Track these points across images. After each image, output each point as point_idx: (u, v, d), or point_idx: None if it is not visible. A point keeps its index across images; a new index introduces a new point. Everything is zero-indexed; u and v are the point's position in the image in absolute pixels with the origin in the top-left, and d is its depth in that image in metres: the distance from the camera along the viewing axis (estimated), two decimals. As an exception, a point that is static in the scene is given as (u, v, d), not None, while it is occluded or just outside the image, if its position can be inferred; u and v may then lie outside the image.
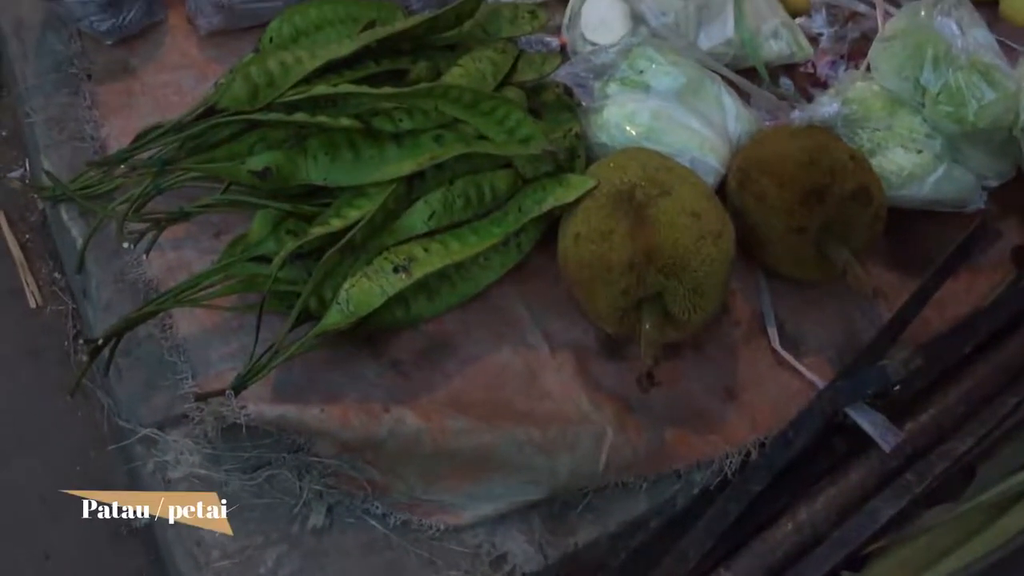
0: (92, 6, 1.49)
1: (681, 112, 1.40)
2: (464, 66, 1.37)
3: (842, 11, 1.60)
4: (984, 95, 1.30)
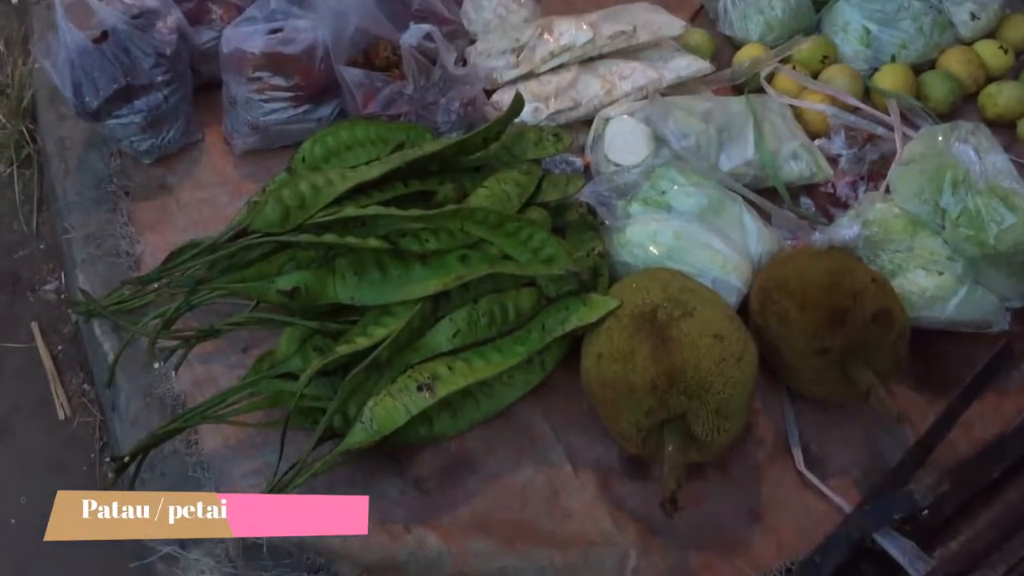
0: (133, 127, 1.55)
1: (703, 232, 1.42)
2: (490, 187, 1.41)
3: (860, 133, 1.63)
4: (1004, 219, 1.31)
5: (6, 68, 1.85)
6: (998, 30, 1.80)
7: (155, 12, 1.57)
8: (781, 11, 1.78)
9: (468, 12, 1.77)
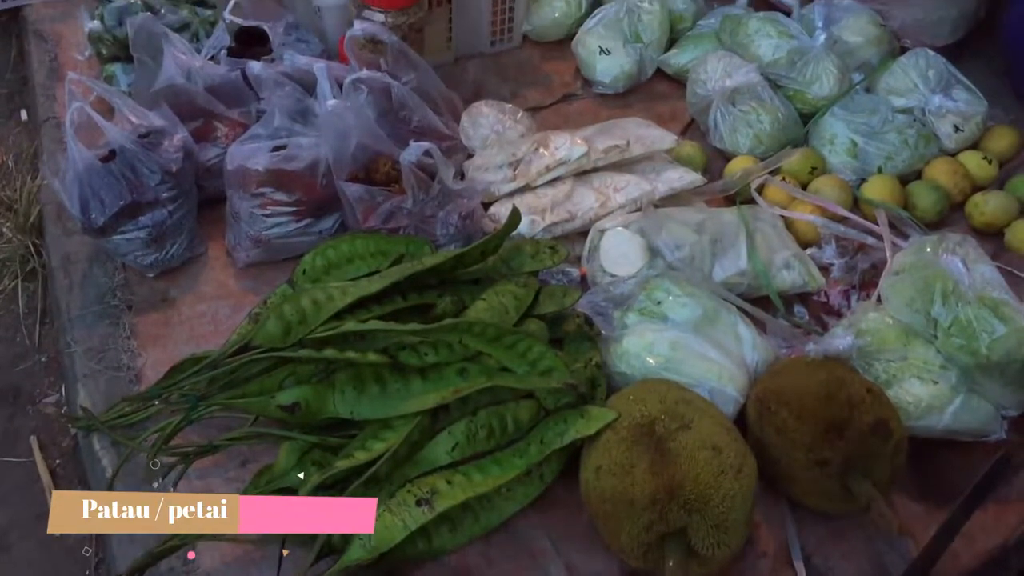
0: (138, 242, 1.58)
1: (699, 342, 1.43)
2: (488, 300, 1.43)
3: (851, 243, 1.66)
4: (995, 329, 1.33)
5: (15, 184, 1.89)
6: (981, 141, 1.85)
7: (162, 131, 1.61)
8: (769, 125, 1.83)
9: (466, 128, 1.82)
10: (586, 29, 2.06)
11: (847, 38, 1.95)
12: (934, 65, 1.86)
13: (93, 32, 1.91)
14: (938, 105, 1.83)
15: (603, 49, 2.02)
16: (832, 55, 1.89)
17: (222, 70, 1.75)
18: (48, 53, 2.07)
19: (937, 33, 2.03)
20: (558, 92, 2.07)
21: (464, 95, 1.97)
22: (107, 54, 1.93)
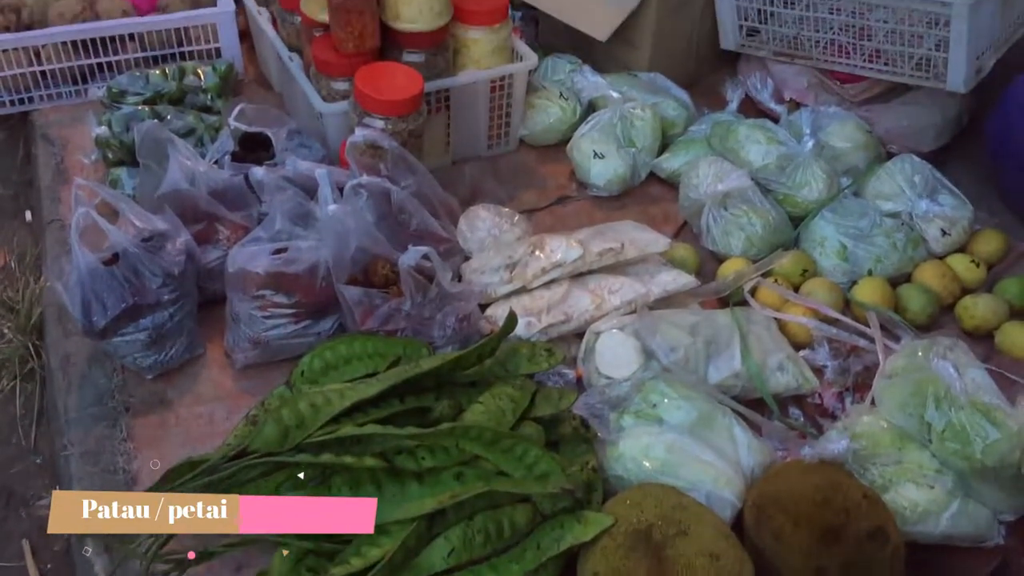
0: (138, 344, 1.59)
1: (695, 445, 1.44)
2: (484, 403, 1.44)
3: (843, 345, 1.68)
4: (988, 434, 1.34)
5: (17, 284, 1.91)
6: (968, 245, 1.89)
7: (165, 234, 1.64)
8: (761, 228, 1.87)
9: (464, 231, 1.86)
10: (581, 134, 2.12)
11: (834, 144, 2.01)
12: (920, 171, 1.91)
13: (100, 137, 1.96)
14: (925, 210, 1.87)
15: (597, 153, 2.07)
16: (820, 160, 1.94)
17: (225, 175, 1.79)
18: (55, 156, 2.12)
19: (922, 139, 2.09)
20: (553, 194, 2.12)
21: (461, 197, 2.01)
22: (113, 158, 1.98)
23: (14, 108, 2.28)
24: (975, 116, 2.14)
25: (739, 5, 2.22)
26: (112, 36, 2.24)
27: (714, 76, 2.38)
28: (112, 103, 2.04)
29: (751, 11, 2.21)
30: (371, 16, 1.90)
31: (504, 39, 2.08)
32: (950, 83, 1.94)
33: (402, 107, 1.83)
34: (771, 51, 2.22)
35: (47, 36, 2.19)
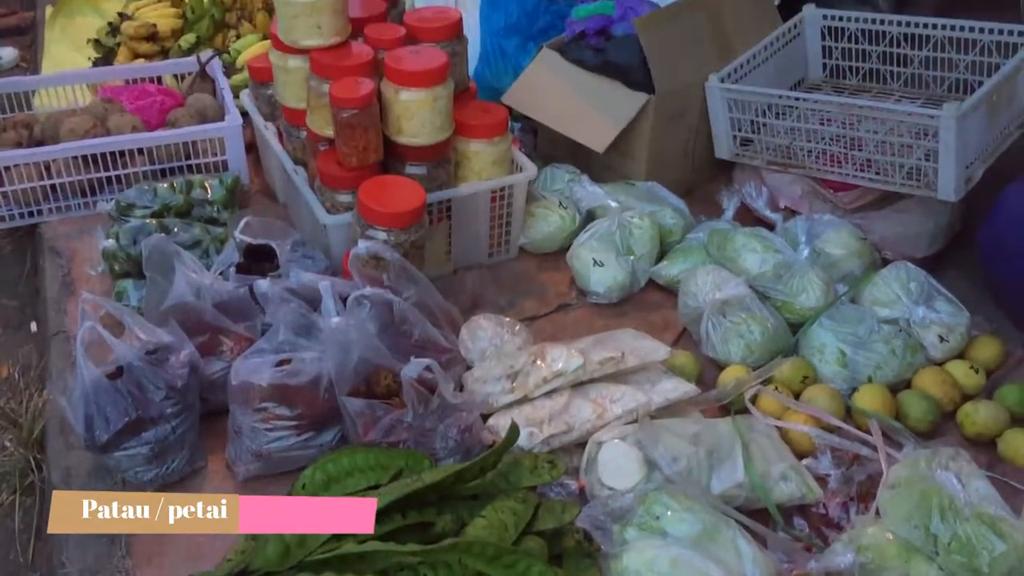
0: (139, 458, 1.59)
1: (699, 559, 1.42)
2: (487, 517, 1.43)
3: (846, 453, 1.68)
4: (995, 547, 1.33)
5: (20, 396, 1.92)
6: (966, 351, 1.90)
7: (169, 347, 1.66)
8: (760, 335, 1.89)
9: (465, 341, 1.87)
10: (580, 242, 2.15)
11: (830, 251, 2.04)
12: (915, 277, 1.94)
13: (107, 250, 1.99)
14: (922, 316, 1.89)
15: (597, 261, 2.10)
16: (816, 268, 1.97)
17: (230, 286, 1.82)
18: (62, 268, 2.15)
19: (916, 246, 2.12)
20: (554, 302, 2.14)
21: (462, 305, 2.04)
22: (119, 270, 2.01)
23: (23, 221, 2.32)
24: (967, 222, 2.18)
25: (732, 117, 2.28)
26: (122, 150, 2.30)
27: (710, 184, 2.44)
28: (120, 216, 2.08)
29: (744, 122, 2.27)
30: (375, 132, 1.95)
31: (504, 151, 2.14)
32: (941, 192, 1.99)
33: (404, 219, 1.87)
34: (765, 160, 2.27)
35: (58, 152, 2.25)
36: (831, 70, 2.52)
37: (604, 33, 2.35)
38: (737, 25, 2.37)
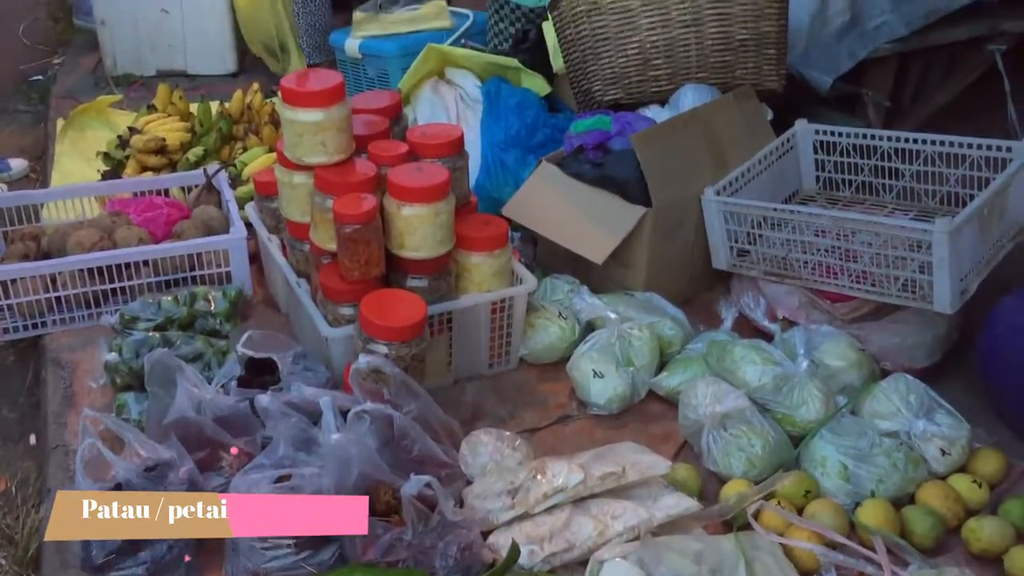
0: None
1: None
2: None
3: (850, 571, 1.66)
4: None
5: (17, 512, 1.90)
6: (969, 464, 1.89)
7: (169, 463, 1.66)
8: (761, 448, 1.88)
9: (465, 456, 1.87)
10: (580, 353, 2.16)
11: (829, 362, 2.05)
12: (914, 390, 1.94)
13: (110, 363, 2.01)
14: (923, 429, 1.89)
15: (597, 372, 2.11)
16: (815, 380, 1.98)
17: (231, 401, 1.83)
18: (64, 380, 2.16)
19: (914, 356, 2.13)
20: (554, 413, 2.14)
21: (463, 417, 2.04)
22: (121, 383, 2.02)
23: (27, 332, 2.34)
24: (965, 333, 2.19)
25: (729, 228, 2.32)
26: (127, 263, 2.33)
27: (708, 294, 2.46)
28: (124, 329, 2.10)
29: (740, 234, 2.31)
30: (377, 246, 1.99)
31: (504, 263, 2.17)
32: (937, 305, 2.00)
33: (405, 333, 1.89)
34: (762, 271, 2.30)
35: (65, 264, 2.28)
36: (824, 182, 2.57)
37: (602, 147, 2.41)
38: (731, 139, 2.43)
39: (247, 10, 3.66)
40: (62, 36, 4.50)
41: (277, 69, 3.78)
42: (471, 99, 2.87)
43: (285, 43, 3.72)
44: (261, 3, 3.64)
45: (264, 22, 3.67)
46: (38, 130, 3.75)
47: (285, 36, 3.71)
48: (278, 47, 3.72)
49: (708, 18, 2.51)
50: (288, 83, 2.03)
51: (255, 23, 3.67)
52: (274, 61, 3.77)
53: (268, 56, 3.77)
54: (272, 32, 3.69)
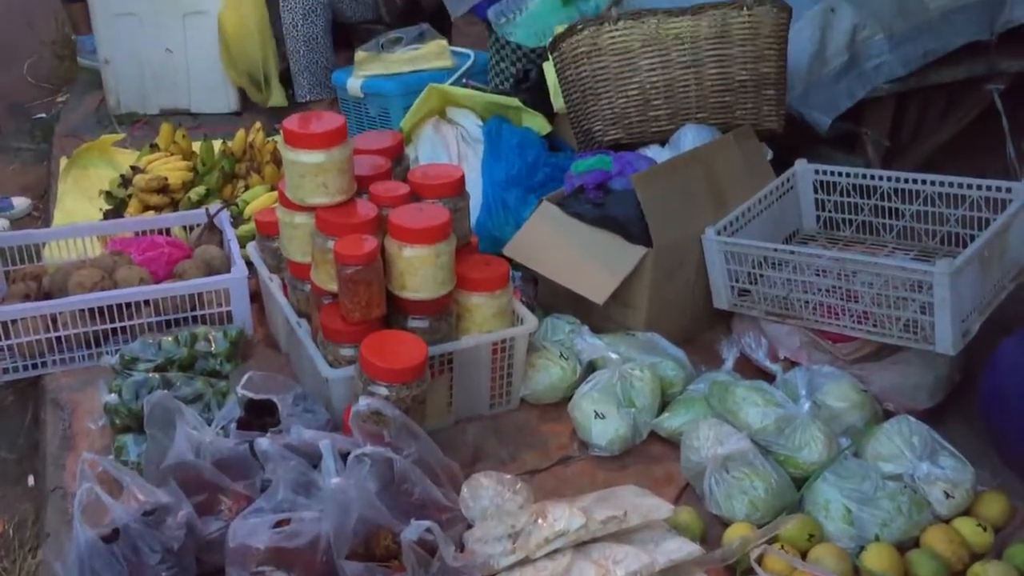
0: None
1: None
2: None
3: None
4: None
5: (13, 555, 1.89)
6: (973, 507, 1.88)
7: (167, 508, 1.65)
8: (764, 491, 1.87)
9: (466, 499, 1.86)
10: (581, 393, 2.16)
11: (831, 404, 2.04)
12: (917, 432, 1.93)
13: (109, 404, 2.00)
14: (926, 472, 1.87)
15: (598, 413, 2.10)
16: (818, 421, 1.97)
17: (230, 443, 1.82)
18: (63, 422, 2.15)
19: (916, 397, 2.12)
20: (555, 454, 2.13)
21: (463, 458, 2.03)
22: (120, 424, 2.01)
23: (27, 373, 2.33)
24: (967, 373, 2.19)
25: (730, 268, 2.32)
26: (128, 302, 2.33)
27: (710, 333, 2.46)
28: (124, 370, 2.10)
29: (741, 273, 2.31)
30: (378, 287, 1.99)
31: (505, 304, 2.17)
32: (939, 346, 2.00)
33: (406, 375, 1.88)
34: (763, 311, 2.30)
35: (65, 305, 2.28)
36: (825, 222, 2.58)
37: (602, 187, 2.41)
38: (732, 179, 2.44)
39: (235, 38, 3.67)
40: (66, 75, 4.53)
41: (259, 100, 3.81)
42: (472, 138, 2.88)
43: (269, 75, 3.75)
44: (250, 33, 3.66)
45: (251, 52, 3.68)
46: (41, 168, 3.77)
47: (270, 68, 3.73)
48: (262, 78, 3.75)
49: (707, 60, 2.53)
50: (290, 125, 2.04)
51: (242, 52, 3.69)
52: (256, 91, 3.79)
53: (250, 86, 3.79)
54: (259, 63, 3.71)
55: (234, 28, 3.64)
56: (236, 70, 3.75)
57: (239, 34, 3.65)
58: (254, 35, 3.65)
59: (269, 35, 3.69)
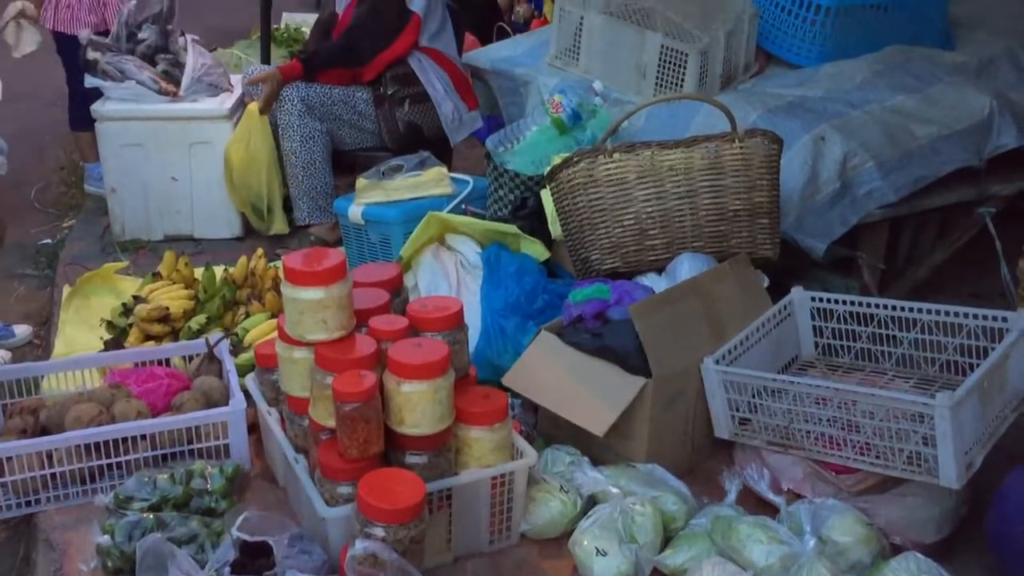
0: None
1: None
2: None
3: None
4: None
5: None
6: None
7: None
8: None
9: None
10: (582, 528, 2.12)
11: (836, 539, 2.00)
12: (925, 570, 1.89)
13: (101, 546, 1.97)
14: (936, 613, 1.83)
15: (599, 550, 2.06)
16: (823, 559, 1.93)
17: (223, 588, 1.78)
18: (54, 563, 2.11)
19: (923, 531, 2.09)
20: (559, 592, 2.08)
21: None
22: (112, 567, 1.98)
23: (20, 511, 2.30)
24: (974, 506, 2.15)
25: (730, 397, 2.31)
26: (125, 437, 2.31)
27: (711, 462, 2.43)
28: (118, 509, 2.07)
29: (741, 402, 2.30)
30: (376, 424, 1.98)
31: (505, 437, 2.15)
32: (943, 479, 1.97)
33: (404, 515, 1.86)
34: (764, 440, 2.28)
35: (62, 441, 2.26)
36: (823, 348, 2.58)
37: (601, 317, 2.42)
38: (729, 307, 2.45)
39: (240, 170, 3.76)
40: (73, 201, 4.60)
41: (261, 228, 3.88)
42: (471, 265, 2.91)
43: (272, 205, 3.83)
44: (257, 166, 3.75)
45: (256, 184, 3.77)
46: (44, 295, 3.79)
47: (273, 198, 3.82)
48: (265, 208, 3.83)
49: (702, 190, 2.57)
50: (291, 262, 2.07)
51: (246, 184, 3.78)
52: (258, 220, 3.88)
53: (253, 214, 3.87)
54: (263, 194, 3.80)
55: (240, 161, 3.73)
56: (239, 198, 3.82)
57: (244, 167, 3.74)
58: (260, 168, 3.74)
59: (275, 169, 3.78)
